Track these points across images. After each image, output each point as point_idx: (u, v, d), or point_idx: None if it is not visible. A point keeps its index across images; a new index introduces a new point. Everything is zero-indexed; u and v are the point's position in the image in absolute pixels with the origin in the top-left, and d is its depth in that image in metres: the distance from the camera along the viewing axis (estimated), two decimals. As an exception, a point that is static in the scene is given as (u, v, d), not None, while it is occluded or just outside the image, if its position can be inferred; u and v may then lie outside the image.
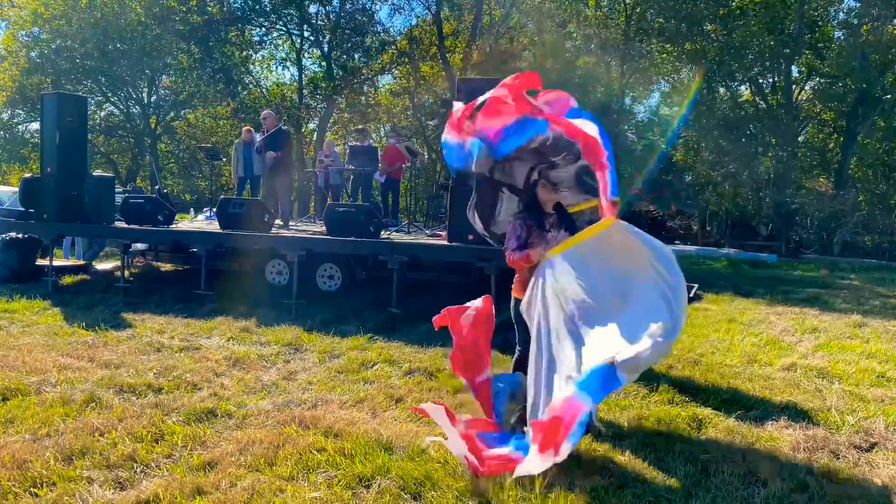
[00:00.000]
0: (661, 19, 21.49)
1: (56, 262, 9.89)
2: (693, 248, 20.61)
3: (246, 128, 12.06)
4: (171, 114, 29.48)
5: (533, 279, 4.05)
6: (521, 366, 4.76)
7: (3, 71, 24.86)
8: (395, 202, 13.09)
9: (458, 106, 4.30)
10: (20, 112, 27.78)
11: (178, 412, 4.39)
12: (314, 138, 27.07)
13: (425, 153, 26.19)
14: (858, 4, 21.26)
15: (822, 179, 24.27)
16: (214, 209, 10.58)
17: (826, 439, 4.22)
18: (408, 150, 12.21)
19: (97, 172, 12.29)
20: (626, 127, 24.78)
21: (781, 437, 4.28)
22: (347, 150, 12.92)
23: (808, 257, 19.57)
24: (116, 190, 11.14)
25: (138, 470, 3.59)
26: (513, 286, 4.53)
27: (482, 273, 7.49)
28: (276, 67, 29.42)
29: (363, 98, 26.79)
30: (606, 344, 3.55)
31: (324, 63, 26.56)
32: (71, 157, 9.56)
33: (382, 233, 8.94)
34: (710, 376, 5.65)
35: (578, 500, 3.32)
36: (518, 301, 4.46)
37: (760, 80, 22.92)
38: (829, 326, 8.13)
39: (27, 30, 25.61)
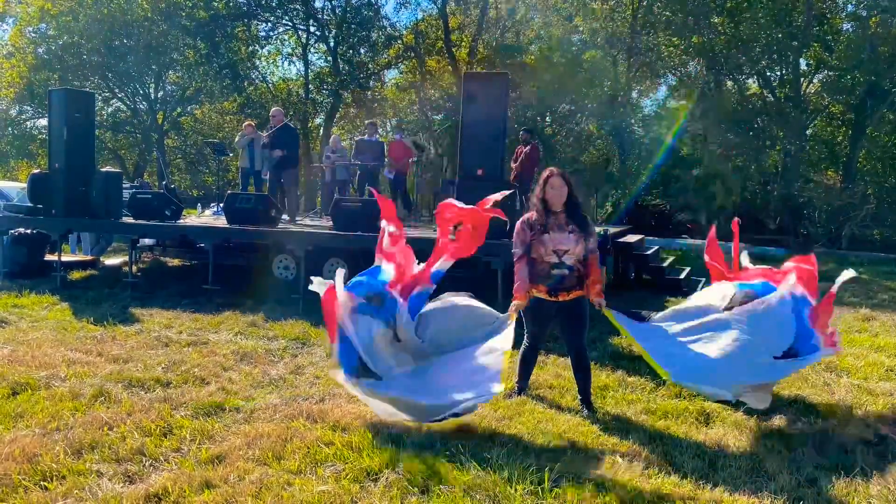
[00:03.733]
0: (667, 12, 21.37)
1: (64, 258, 9.93)
2: (700, 241, 20.52)
3: (247, 122, 12.06)
4: (178, 109, 29.51)
5: None
6: (529, 357, 4.80)
7: (10, 67, 24.93)
8: (405, 197, 13.10)
9: None
10: (28, 108, 27.87)
11: (187, 406, 4.42)
12: (321, 133, 27.07)
13: (432, 148, 26.17)
14: (867, -4, 21.08)
15: (830, 173, 24.11)
16: (221, 204, 10.60)
17: (835, 433, 4.20)
18: (414, 144, 12.21)
19: (105, 168, 12.31)
20: (632, 120, 24.71)
21: (790, 431, 4.26)
22: (354, 145, 12.93)
23: (817, 251, 19.45)
24: (124, 185, 11.17)
25: (147, 463, 3.61)
26: None
27: (489, 267, 7.50)
28: (283, 62, 29.47)
29: (369, 93, 26.77)
30: None
31: (330, 58, 26.53)
32: (79, 152, 9.60)
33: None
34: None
35: (585, 494, 3.32)
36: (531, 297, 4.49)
37: (768, 73, 22.75)
38: (838, 320, 8.08)
39: (34, 26, 25.65)
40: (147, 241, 11.52)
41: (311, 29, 26.35)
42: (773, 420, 4.47)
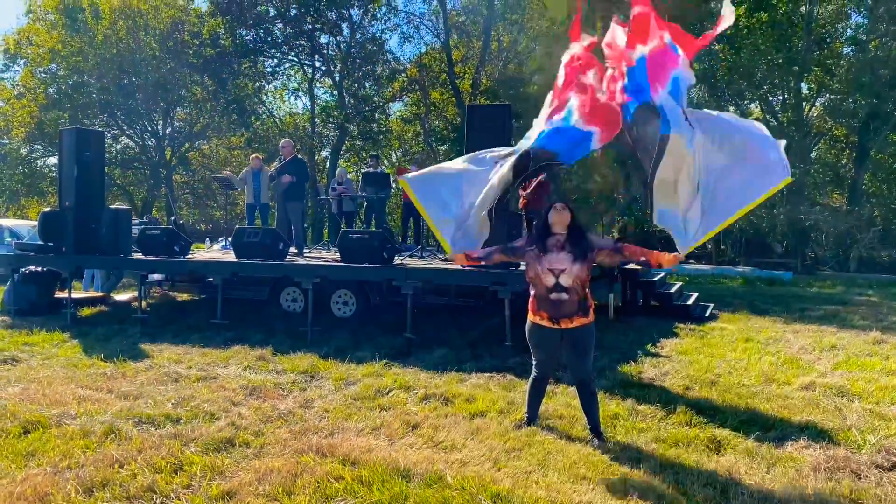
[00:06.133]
0: (668, 41, 21.59)
1: (75, 295, 10.00)
2: (708, 266, 20.51)
3: (254, 155, 12.20)
4: (186, 145, 29.90)
5: None
6: (538, 387, 4.80)
7: (21, 107, 25.38)
8: (416, 226, 13.20)
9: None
10: (39, 147, 28.30)
11: (197, 442, 4.42)
12: (327, 166, 27.33)
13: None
14: (866, 21, 21.31)
15: (835, 195, 24.15)
16: (230, 239, 10.69)
17: (847, 459, 4.17)
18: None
19: (114, 205, 12.45)
20: (637, 147, 24.81)
21: (801, 458, 4.24)
22: (360, 177, 13.06)
23: (825, 274, 19.40)
24: (133, 222, 11.28)
25: (158, 501, 3.61)
26: (529, 308, 4.60)
27: (496, 296, 7.52)
28: (289, 97, 29.88)
29: (374, 125, 27.09)
30: None
31: (335, 92, 26.90)
32: (89, 190, 9.73)
33: (396, 258, 9.00)
34: (727, 397, 5.61)
35: (597, 525, 3.30)
36: (533, 324, 4.55)
37: (770, 98, 22.94)
38: (848, 344, 8.05)
39: (45, 67, 26.19)
40: (156, 277, 11.60)
41: (317, 64, 26.78)
42: (784, 447, 4.44)
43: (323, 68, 26.88)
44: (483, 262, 4.84)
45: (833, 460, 4.15)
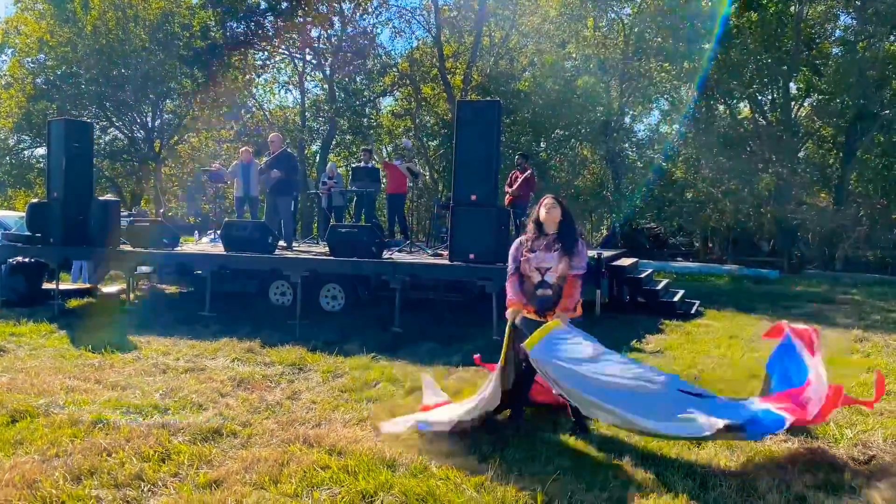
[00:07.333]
0: (658, 39, 21.70)
1: (62, 286, 9.97)
2: (695, 264, 20.65)
3: (244, 148, 12.16)
4: (175, 137, 29.71)
5: None
6: (524, 378, 4.85)
7: (9, 97, 25.15)
8: (401, 220, 13.25)
9: None
10: (26, 138, 28.07)
11: (184, 432, 4.46)
12: (317, 160, 27.29)
13: (427, 173, 26.38)
14: (855, 22, 21.46)
15: (822, 195, 24.33)
16: (218, 232, 10.69)
17: (824, 452, 4.26)
18: (409, 171, 12.33)
19: (103, 197, 12.40)
20: (626, 145, 24.96)
21: (780, 451, 4.32)
22: (350, 172, 13.09)
23: (811, 273, 19.56)
24: (121, 213, 11.25)
25: (146, 489, 3.65)
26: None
27: (483, 291, 7.59)
28: (279, 91, 29.75)
29: (365, 120, 27.06)
30: None
31: (326, 86, 26.83)
32: (77, 181, 9.71)
33: (385, 253, 9.03)
34: (710, 391, 5.68)
35: (578, 514, 3.36)
36: (522, 317, 4.61)
37: (759, 97, 23.07)
38: (831, 341, 8.14)
39: (33, 57, 25.93)
40: (144, 269, 11.58)
41: (308, 57, 26.68)
42: (763, 439, 4.52)
43: (314, 62, 26.82)
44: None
45: (811, 453, 4.24)
